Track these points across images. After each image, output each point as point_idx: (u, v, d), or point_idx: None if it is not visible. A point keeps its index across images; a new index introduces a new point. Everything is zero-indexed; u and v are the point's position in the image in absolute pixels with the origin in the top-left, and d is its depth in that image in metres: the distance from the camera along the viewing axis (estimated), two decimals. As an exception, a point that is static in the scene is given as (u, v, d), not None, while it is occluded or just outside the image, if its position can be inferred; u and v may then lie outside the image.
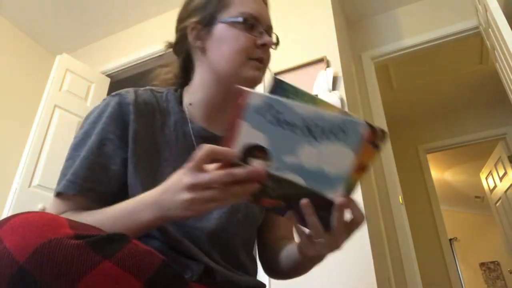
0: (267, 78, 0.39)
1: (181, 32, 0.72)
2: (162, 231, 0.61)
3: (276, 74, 2.11)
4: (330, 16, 2.16)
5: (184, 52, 0.74)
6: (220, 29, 0.67)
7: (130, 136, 0.63)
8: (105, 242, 0.39)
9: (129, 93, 0.68)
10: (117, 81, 3.05)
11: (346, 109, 1.85)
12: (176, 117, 0.70)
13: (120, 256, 0.38)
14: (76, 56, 3.08)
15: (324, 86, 1.90)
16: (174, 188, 0.47)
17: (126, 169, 0.63)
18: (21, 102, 2.89)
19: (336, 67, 1.99)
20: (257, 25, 0.68)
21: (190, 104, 0.72)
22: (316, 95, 0.70)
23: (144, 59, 2.85)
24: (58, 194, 0.62)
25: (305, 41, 2.16)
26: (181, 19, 0.73)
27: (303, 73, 2.06)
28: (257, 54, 0.67)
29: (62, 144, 2.55)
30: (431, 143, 4.09)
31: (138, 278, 0.38)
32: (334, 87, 1.92)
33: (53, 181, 2.41)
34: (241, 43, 0.65)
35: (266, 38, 0.67)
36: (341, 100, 1.85)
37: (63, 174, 0.63)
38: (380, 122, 2.51)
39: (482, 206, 5.91)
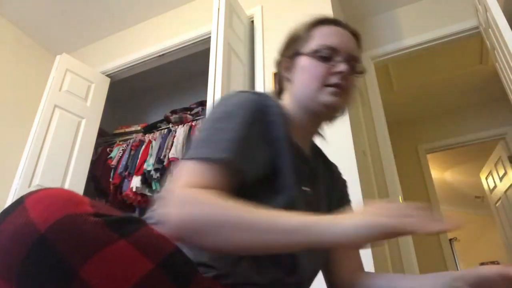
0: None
1: (278, 65, 0.82)
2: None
3: (276, 74, 2.11)
4: (330, 16, 2.16)
5: (280, 81, 0.82)
6: (301, 60, 0.74)
7: (268, 137, 0.65)
8: (122, 222, 0.40)
9: (267, 95, 0.72)
10: (117, 81, 3.06)
11: (346, 109, 1.85)
12: (284, 128, 0.71)
13: (135, 237, 0.40)
14: (76, 56, 3.09)
15: (324, 86, 1.90)
16: (388, 212, 0.47)
17: (260, 166, 0.62)
18: (21, 102, 2.89)
19: (336, 67, 1.99)
20: (334, 56, 0.72)
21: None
22: None
23: (144, 59, 2.85)
24: (206, 162, 0.56)
25: (305, 41, 2.16)
26: (279, 54, 0.82)
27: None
28: (332, 81, 0.71)
29: (62, 144, 2.55)
30: (431, 143, 4.09)
31: (151, 259, 0.40)
32: (334, 87, 1.92)
33: (53, 181, 2.42)
34: (317, 71, 0.71)
35: (341, 66, 0.71)
36: (341, 100, 1.84)
37: (217, 144, 0.58)
38: (380, 122, 2.52)
39: (482, 206, 5.91)
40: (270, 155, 0.65)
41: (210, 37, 2.13)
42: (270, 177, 0.64)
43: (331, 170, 0.86)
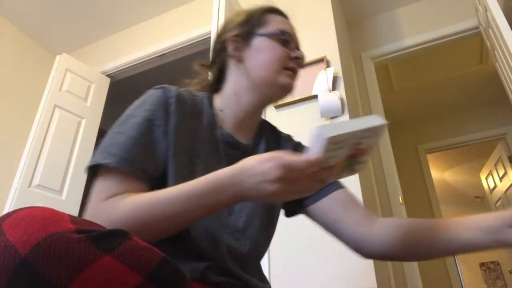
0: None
1: (220, 44, 0.82)
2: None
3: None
4: (330, 16, 2.16)
5: (218, 62, 0.83)
6: (259, 40, 0.76)
7: (171, 128, 0.67)
8: (106, 237, 0.39)
9: (171, 88, 0.74)
10: (117, 81, 3.06)
11: (346, 109, 1.85)
12: (208, 120, 0.75)
13: (120, 251, 0.39)
14: (76, 56, 3.09)
15: (324, 86, 1.90)
16: (261, 176, 0.51)
17: (166, 156, 0.65)
18: (21, 102, 2.89)
19: (336, 67, 1.99)
20: (290, 41, 0.77)
21: (221, 110, 0.78)
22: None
23: (144, 59, 2.85)
24: (106, 171, 0.60)
25: (305, 41, 2.15)
26: (221, 34, 0.82)
27: (303, 73, 2.04)
28: (290, 65, 0.75)
29: (62, 144, 2.55)
30: (431, 143, 4.09)
31: (138, 273, 0.39)
32: (334, 87, 1.92)
33: (53, 181, 2.42)
34: (278, 53, 0.74)
35: (298, 52, 0.77)
36: (341, 100, 1.85)
37: (109, 149, 0.61)
38: (380, 122, 2.51)
39: (482, 206, 5.91)
40: (163, 153, 0.66)
41: (210, 37, 2.13)
42: (186, 165, 0.67)
43: (279, 144, 0.86)
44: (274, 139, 0.85)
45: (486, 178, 4.42)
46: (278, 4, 0.87)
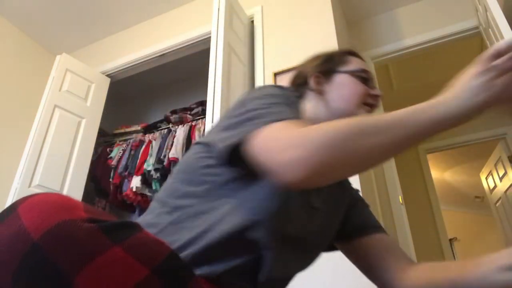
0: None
1: (302, 78, 0.86)
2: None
3: (276, 74, 2.11)
4: (330, 16, 2.16)
5: (298, 91, 0.87)
6: (341, 77, 0.82)
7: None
8: (116, 228, 0.40)
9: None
10: (117, 81, 3.06)
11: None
12: None
13: (129, 243, 0.40)
14: (76, 56, 3.09)
15: (324, 86, 1.90)
16: (465, 79, 0.52)
17: None
18: (21, 102, 2.89)
19: (336, 67, 1.99)
20: (370, 80, 0.83)
21: None
22: None
23: (144, 59, 2.85)
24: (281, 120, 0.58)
25: (305, 41, 2.16)
26: (304, 69, 0.87)
27: (303, 73, 2.05)
28: (369, 101, 0.81)
29: (62, 144, 2.55)
30: (431, 143, 4.09)
31: (146, 265, 0.39)
32: (334, 87, 1.92)
33: (53, 181, 2.42)
34: (359, 89, 0.80)
35: (378, 91, 0.83)
36: (341, 100, 1.85)
37: (270, 112, 0.60)
38: (380, 122, 2.51)
39: (482, 206, 5.91)
40: None
41: (210, 37, 2.13)
42: None
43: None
44: None
45: (486, 178, 4.42)
46: (278, 4, 0.88)
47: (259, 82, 2.14)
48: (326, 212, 0.76)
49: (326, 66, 0.84)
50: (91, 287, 0.36)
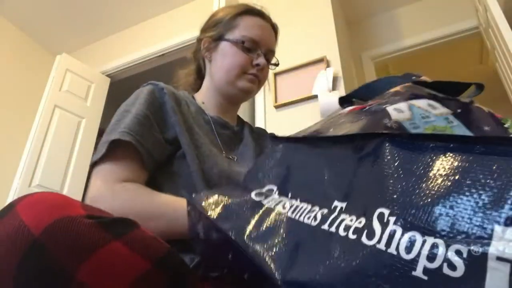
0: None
1: (198, 42, 0.87)
2: None
3: (276, 74, 2.12)
4: (330, 16, 2.16)
5: (200, 58, 0.88)
6: (224, 45, 0.80)
7: (171, 110, 0.69)
8: (115, 224, 0.41)
9: (159, 82, 0.76)
10: (117, 81, 3.06)
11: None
12: (195, 108, 0.79)
13: (130, 237, 0.40)
14: (76, 56, 3.09)
15: (324, 86, 1.90)
16: None
17: (163, 145, 0.67)
18: (21, 102, 2.89)
19: (336, 67, 1.99)
20: (255, 48, 0.79)
21: (203, 102, 0.83)
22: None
23: (144, 59, 2.85)
24: (111, 146, 0.61)
25: (305, 41, 2.16)
26: (201, 32, 0.87)
27: (303, 73, 2.06)
28: (251, 71, 0.79)
29: (62, 144, 2.55)
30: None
31: (146, 259, 0.40)
32: (334, 87, 1.92)
33: (53, 181, 2.42)
34: (238, 60, 0.78)
35: (260, 60, 0.79)
36: (341, 100, 1.85)
37: (112, 130, 0.64)
38: (380, 122, 2.51)
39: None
40: (172, 133, 0.69)
41: (210, 37, 2.13)
42: (192, 141, 0.69)
43: (259, 133, 0.91)
44: (250, 127, 0.91)
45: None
46: (278, 4, 0.88)
47: (259, 82, 2.14)
48: (242, 159, 0.78)
49: (216, 30, 0.82)
50: (92, 281, 0.37)
